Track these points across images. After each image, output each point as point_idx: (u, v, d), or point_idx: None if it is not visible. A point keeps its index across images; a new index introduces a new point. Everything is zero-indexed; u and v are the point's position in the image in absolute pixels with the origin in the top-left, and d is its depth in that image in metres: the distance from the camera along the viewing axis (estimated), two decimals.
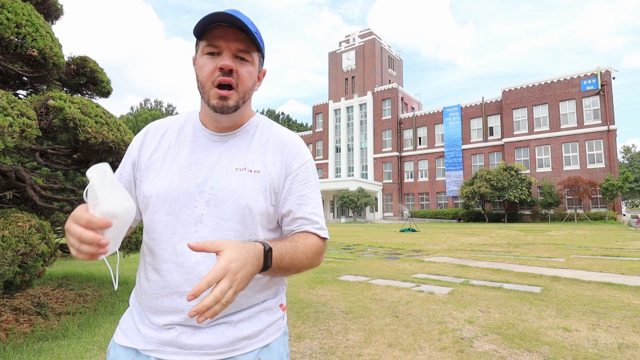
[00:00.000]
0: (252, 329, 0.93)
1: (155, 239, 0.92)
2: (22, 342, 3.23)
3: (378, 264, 8.05)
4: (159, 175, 0.94)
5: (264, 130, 1.01)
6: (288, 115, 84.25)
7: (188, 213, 0.90)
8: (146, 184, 0.95)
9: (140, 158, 0.99)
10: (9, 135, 2.49)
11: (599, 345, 3.16)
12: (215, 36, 0.88)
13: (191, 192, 0.91)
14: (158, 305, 0.90)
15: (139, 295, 0.97)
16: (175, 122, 1.03)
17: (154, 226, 0.92)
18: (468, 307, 4.39)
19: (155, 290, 0.91)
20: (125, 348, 0.93)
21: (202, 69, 0.90)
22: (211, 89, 0.89)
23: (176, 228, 0.90)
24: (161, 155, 0.97)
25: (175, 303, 0.89)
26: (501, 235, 15.87)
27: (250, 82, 0.93)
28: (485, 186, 30.54)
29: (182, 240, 0.89)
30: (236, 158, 0.95)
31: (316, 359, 2.98)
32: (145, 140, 1.01)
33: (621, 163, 65.33)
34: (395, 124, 43.08)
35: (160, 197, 0.92)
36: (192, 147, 0.97)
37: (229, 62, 0.87)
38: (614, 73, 30.43)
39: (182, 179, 0.92)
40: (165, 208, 0.91)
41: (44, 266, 2.96)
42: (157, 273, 0.91)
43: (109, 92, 5.10)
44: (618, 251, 9.55)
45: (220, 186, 0.91)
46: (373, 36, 46.88)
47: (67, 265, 8.08)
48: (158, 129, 1.02)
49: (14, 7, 3.30)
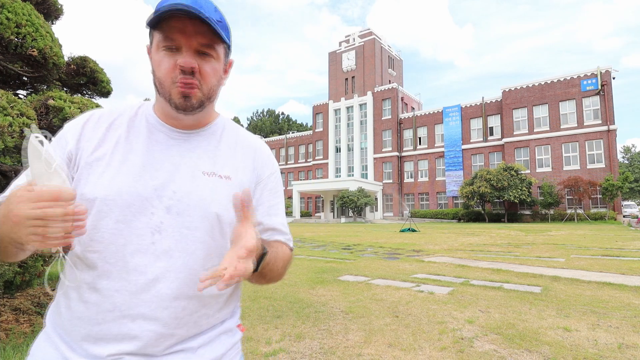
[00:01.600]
0: (213, 354, 0.84)
1: (99, 251, 0.76)
2: (22, 342, 3.23)
3: (378, 264, 8.05)
4: (105, 175, 0.78)
5: (230, 134, 0.93)
6: (288, 116, 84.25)
7: (144, 221, 0.77)
8: (88, 184, 0.78)
9: (79, 152, 0.81)
10: (9, 135, 2.49)
11: (599, 345, 3.16)
12: (172, 29, 0.76)
13: (148, 196, 0.78)
14: (101, 333, 0.75)
15: (66, 321, 0.78)
16: (123, 114, 0.87)
17: (98, 235, 0.76)
18: (468, 307, 4.39)
19: (97, 314, 0.75)
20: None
21: (159, 65, 0.79)
22: (171, 87, 0.79)
23: (128, 238, 0.76)
24: (107, 151, 0.81)
25: (127, 328, 0.74)
26: (501, 235, 15.87)
27: (215, 79, 0.83)
28: (485, 186, 30.54)
29: (135, 253, 0.76)
30: (202, 160, 0.85)
31: (316, 359, 2.98)
32: (85, 132, 0.83)
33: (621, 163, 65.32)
34: (395, 124, 43.07)
35: (108, 200, 0.76)
36: (147, 143, 0.83)
37: (190, 61, 0.77)
38: (614, 73, 30.43)
39: (136, 180, 0.79)
40: (115, 214, 0.76)
41: (44, 266, 2.96)
42: (98, 293, 0.75)
43: (109, 92, 5.10)
44: (618, 251, 9.55)
45: (184, 191, 0.80)
46: (373, 36, 46.88)
47: None
48: (102, 119, 0.86)
49: (14, 7, 3.30)
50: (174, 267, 0.78)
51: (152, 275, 0.76)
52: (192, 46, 0.78)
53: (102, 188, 0.77)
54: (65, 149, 0.81)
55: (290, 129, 78.35)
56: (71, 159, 0.81)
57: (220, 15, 0.80)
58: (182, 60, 0.77)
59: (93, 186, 0.77)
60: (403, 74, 52.42)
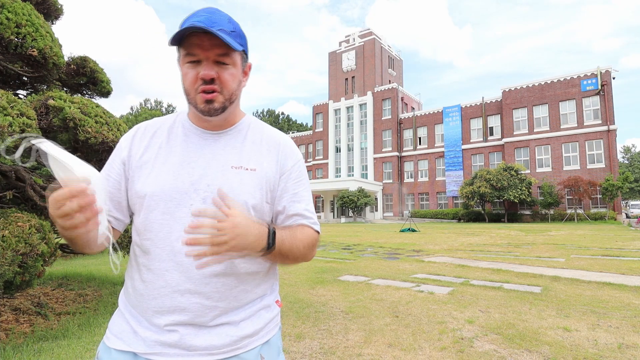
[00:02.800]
0: (254, 327, 0.96)
1: (151, 239, 0.92)
2: (22, 342, 3.23)
3: (378, 264, 8.05)
4: (151, 175, 0.94)
5: (256, 131, 1.05)
6: (288, 115, 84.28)
7: (184, 211, 0.91)
8: (139, 183, 0.95)
9: (131, 158, 0.98)
10: (9, 135, 2.49)
11: (599, 345, 3.16)
12: (192, 44, 0.88)
13: (186, 190, 0.92)
14: (158, 306, 0.90)
15: (133, 298, 0.96)
16: (164, 123, 1.04)
17: (149, 226, 0.92)
18: (468, 307, 4.39)
19: (153, 290, 0.91)
20: (121, 352, 0.92)
21: (186, 77, 0.91)
22: (196, 95, 0.91)
23: (173, 227, 0.91)
24: (152, 155, 0.97)
25: (177, 301, 0.89)
26: (501, 235, 15.87)
27: (234, 84, 0.94)
28: (485, 186, 30.54)
29: (179, 239, 0.89)
30: (230, 156, 0.98)
31: (316, 359, 2.98)
32: (135, 141, 1.01)
33: (621, 163, 65.34)
34: (395, 124, 43.08)
35: (154, 196, 0.92)
36: (184, 145, 0.98)
37: (209, 72, 0.89)
38: (614, 73, 30.43)
39: (176, 177, 0.93)
40: (160, 207, 0.92)
41: (44, 266, 2.96)
42: (153, 273, 0.91)
43: (109, 92, 5.10)
44: (618, 251, 9.55)
45: (216, 184, 0.93)
46: (373, 36, 46.88)
47: (67, 265, 8.08)
48: (147, 130, 1.03)
49: (14, 7, 3.30)
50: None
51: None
52: (211, 58, 0.89)
53: (149, 186, 0.93)
54: (120, 156, 0.99)
55: (290, 129, 78.37)
56: (125, 163, 0.98)
57: (234, 25, 0.91)
58: (202, 72, 0.89)
59: (142, 185, 0.94)
60: (403, 74, 52.43)
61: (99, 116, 3.47)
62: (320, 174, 49.11)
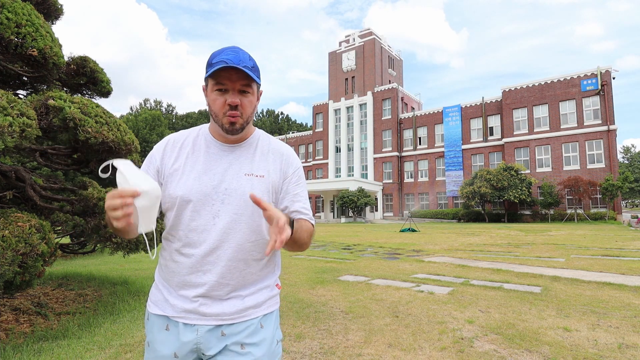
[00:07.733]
0: (256, 300, 1.21)
1: (182, 230, 1.17)
2: (22, 342, 3.23)
3: (378, 264, 8.05)
4: (181, 180, 1.17)
5: (264, 143, 1.27)
6: (287, 115, 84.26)
7: (207, 209, 1.15)
8: (172, 187, 1.17)
9: (164, 166, 1.21)
10: (9, 135, 2.49)
11: (599, 345, 3.16)
12: (222, 77, 1.11)
13: (209, 192, 1.16)
14: (185, 281, 1.16)
15: (165, 274, 1.22)
16: (189, 135, 1.26)
17: (181, 220, 1.17)
18: (468, 307, 4.38)
19: (182, 269, 1.16)
20: (158, 316, 1.20)
21: (215, 102, 1.14)
22: (223, 117, 1.14)
23: (198, 221, 1.16)
24: (181, 163, 1.20)
25: (199, 278, 1.15)
26: (501, 235, 15.87)
27: (251, 109, 1.18)
28: (485, 186, 30.53)
29: (203, 231, 1.15)
30: (244, 165, 1.20)
31: (316, 359, 2.98)
32: (166, 151, 1.23)
33: (621, 163, 65.30)
34: (395, 124, 43.07)
35: (184, 198, 1.15)
36: (206, 156, 1.21)
37: (235, 99, 1.12)
38: (614, 73, 30.42)
39: (200, 182, 1.16)
40: (190, 206, 1.15)
41: (44, 266, 2.95)
42: (183, 255, 1.16)
43: (109, 92, 5.09)
44: (618, 251, 9.55)
45: (232, 188, 1.16)
46: (373, 36, 46.87)
47: (67, 265, 8.08)
48: (176, 142, 1.25)
49: (14, 7, 3.30)
50: (227, 239, 1.15)
51: (213, 245, 1.15)
52: (236, 88, 1.12)
53: (180, 189, 1.16)
54: (154, 165, 1.22)
55: (290, 129, 78.32)
56: (159, 171, 1.21)
57: (253, 62, 1.14)
58: (230, 100, 1.12)
59: (174, 189, 1.17)
60: (403, 74, 52.41)
61: (99, 116, 3.47)
62: (320, 174, 49.09)
